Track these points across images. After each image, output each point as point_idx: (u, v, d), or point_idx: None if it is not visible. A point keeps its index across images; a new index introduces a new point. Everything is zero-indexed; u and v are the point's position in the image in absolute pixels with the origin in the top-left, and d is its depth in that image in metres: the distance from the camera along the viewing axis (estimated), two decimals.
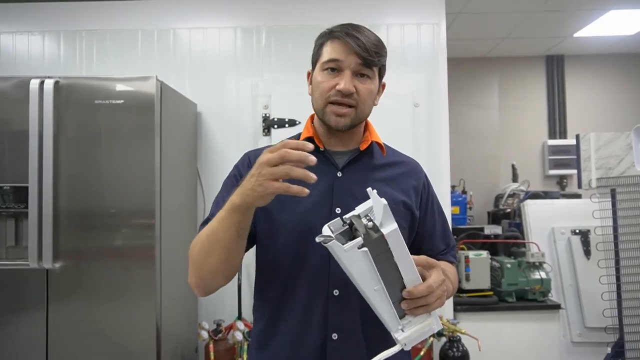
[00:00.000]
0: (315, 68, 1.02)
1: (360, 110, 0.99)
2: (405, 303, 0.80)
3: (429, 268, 0.85)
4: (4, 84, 1.93)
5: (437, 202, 1.14)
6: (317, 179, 0.77)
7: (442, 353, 2.31)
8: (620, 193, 2.25)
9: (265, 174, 0.77)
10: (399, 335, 0.81)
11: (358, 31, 0.97)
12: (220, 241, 0.87)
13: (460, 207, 3.18)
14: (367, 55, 0.95)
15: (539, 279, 2.53)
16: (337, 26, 1.00)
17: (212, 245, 0.88)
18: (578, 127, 3.79)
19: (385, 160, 1.08)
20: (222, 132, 2.60)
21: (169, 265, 1.99)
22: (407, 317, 0.82)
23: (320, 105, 1.00)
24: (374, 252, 0.77)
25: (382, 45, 1.00)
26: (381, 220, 0.77)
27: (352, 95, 0.96)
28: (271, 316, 1.00)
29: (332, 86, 0.97)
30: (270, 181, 0.77)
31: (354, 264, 0.77)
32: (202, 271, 0.92)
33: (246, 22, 2.64)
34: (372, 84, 1.00)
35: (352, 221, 0.80)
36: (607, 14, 3.18)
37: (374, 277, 0.78)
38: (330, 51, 0.98)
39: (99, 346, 1.88)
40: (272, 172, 0.77)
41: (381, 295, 0.79)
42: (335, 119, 0.98)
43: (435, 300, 0.82)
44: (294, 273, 0.97)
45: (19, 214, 1.94)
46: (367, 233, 0.76)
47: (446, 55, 2.60)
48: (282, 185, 0.77)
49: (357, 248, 0.76)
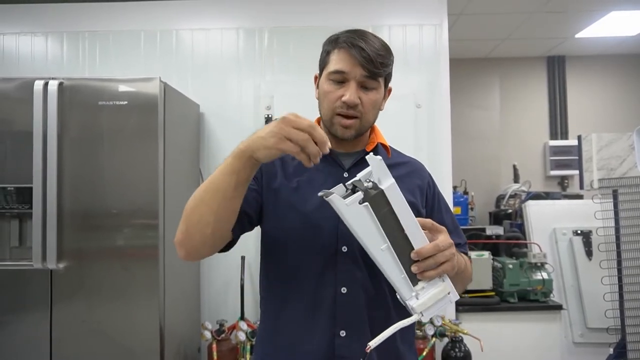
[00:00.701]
0: (322, 75, 1.03)
1: (365, 120, 1.00)
2: (415, 266, 0.81)
3: (435, 232, 0.86)
4: (7, 85, 1.93)
5: (444, 200, 1.15)
6: (323, 180, 0.77)
7: (444, 353, 2.32)
8: (622, 194, 2.26)
9: (284, 129, 0.77)
10: (414, 302, 0.81)
11: (364, 40, 0.96)
12: (217, 189, 0.85)
13: (462, 207, 3.19)
14: (372, 68, 0.95)
15: (541, 279, 2.53)
16: (344, 33, 1.00)
17: (207, 193, 0.86)
18: (579, 127, 3.79)
19: (391, 161, 1.09)
20: (224, 133, 2.60)
21: (172, 266, 2.00)
22: (421, 284, 0.82)
23: (327, 116, 1.01)
24: (377, 210, 0.78)
25: (388, 54, 1.00)
26: (379, 177, 0.80)
27: (356, 107, 0.97)
28: (278, 314, 1.01)
29: (339, 97, 0.98)
30: (285, 139, 0.77)
31: (357, 220, 0.78)
32: (191, 222, 0.88)
33: (248, 23, 2.64)
34: (377, 94, 1.00)
35: (354, 185, 0.82)
36: (608, 15, 3.18)
37: (379, 236, 0.79)
38: (336, 61, 0.98)
39: (103, 346, 1.88)
40: (289, 133, 0.76)
41: (390, 257, 0.80)
42: (341, 130, 1.00)
43: (445, 261, 0.82)
44: (301, 273, 0.98)
45: (22, 215, 1.95)
46: (367, 190, 0.79)
47: (448, 56, 2.61)
48: (294, 147, 0.76)
49: (358, 203, 0.78)
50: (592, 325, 2.57)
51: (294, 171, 1.03)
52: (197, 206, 0.87)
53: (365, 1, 2.63)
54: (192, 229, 0.88)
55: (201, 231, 0.88)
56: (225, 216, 0.88)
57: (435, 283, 0.83)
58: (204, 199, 0.86)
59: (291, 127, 0.77)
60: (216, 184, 0.85)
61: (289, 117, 0.78)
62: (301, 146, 0.77)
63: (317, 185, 0.79)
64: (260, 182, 1.03)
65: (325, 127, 1.05)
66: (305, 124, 0.77)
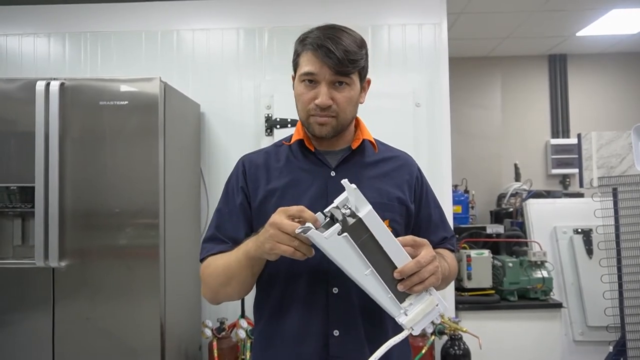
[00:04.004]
0: (296, 76, 1.04)
1: (341, 118, 1.00)
2: (400, 284, 0.82)
3: (417, 247, 0.86)
4: (10, 86, 1.96)
5: (432, 193, 1.14)
6: (310, 181, 0.77)
7: (443, 351, 2.33)
8: (622, 192, 2.25)
9: (274, 235, 0.82)
10: (403, 319, 0.82)
11: (331, 39, 0.94)
12: (235, 276, 0.96)
13: (463, 206, 3.19)
14: (340, 68, 0.94)
15: (541, 277, 2.53)
16: (313, 32, 0.99)
17: (228, 278, 0.97)
18: (581, 126, 3.79)
19: (378, 156, 1.09)
20: (225, 133, 2.62)
21: (173, 265, 2.02)
22: (408, 300, 0.83)
23: (303, 117, 1.02)
24: (356, 237, 0.79)
25: (358, 49, 0.96)
26: (355, 205, 0.80)
27: (329, 108, 0.97)
28: (272, 315, 1.02)
29: (312, 98, 0.98)
30: (278, 244, 0.82)
31: (338, 251, 0.79)
32: (218, 295, 1.02)
33: (249, 23, 2.65)
34: (351, 90, 0.99)
35: (332, 213, 0.82)
36: (609, 13, 3.18)
37: (361, 262, 0.80)
38: (305, 63, 0.98)
39: (104, 344, 1.90)
40: (280, 239, 0.82)
41: (374, 280, 0.81)
42: (318, 128, 0.99)
43: (429, 276, 0.83)
44: (294, 273, 0.99)
45: (25, 214, 1.97)
46: (345, 219, 0.79)
47: (448, 55, 2.61)
48: (288, 249, 0.82)
49: (337, 234, 0.78)
50: (592, 324, 2.56)
51: (280, 175, 1.03)
52: (221, 288, 1.00)
53: (365, 0, 2.64)
54: (221, 298, 1.04)
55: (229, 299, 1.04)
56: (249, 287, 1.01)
57: (422, 298, 0.84)
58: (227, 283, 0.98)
59: (280, 232, 0.81)
60: (234, 272, 0.96)
61: (275, 221, 0.82)
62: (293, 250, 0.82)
63: (304, 187, 0.81)
64: (248, 192, 1.04)
65: (303, 126, 1.05)
66: (290, 229, 0.80)
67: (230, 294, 1.00)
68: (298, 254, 0.83)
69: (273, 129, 2.51)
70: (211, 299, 1.05)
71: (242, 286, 0.98)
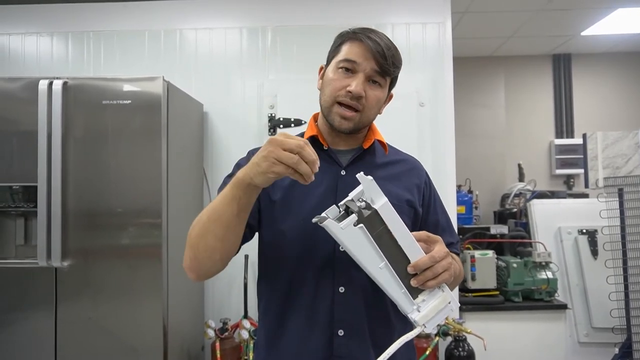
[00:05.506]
0: (330, 64, 1.02)
1: (365, 116, 1.00)
2: (414, 279, 0.82)
3: (431, 243, 0.87)
4: (13, 85, 1.95)
5: (439, 199, 1.15)
6: (320, 178, 0.77)
7: (447, 352, 2.31)
8: (628, 192, 2.24)
9: (273, 152, 0.76)
10: (415, 315, 0.82)
11: (379, 37, 0.98)
12: (220, 217, 0.86)
13: (466, 206, 3.18)
14: (384, 62, 0.96)
15: (546, 278, 2.52)
16: (360, 28, 1.01)
17: (211, 222, 0.87)
18: (585, 126, 3.77)
19: (388, 158, 1.09)
20: (228, 132, 2.61)
21: (176, 264, 2.01)
22: (421, 296, 0.83)
23: (327, 103, 1.00)
24: (372, 230, 0.79)
25: (399, 57, 1.00)
26: (371, 197, 0.80)
27: (360, 99, 0.97)
28: (277, 315, 1.01)
29: (344, 86, 0.97)
30: (276, 162, 0.76)
31: (354, 243, 0.79)
32: (198, 250, 0.89)
33: (252, 22, 2.65)
34: (382, 92, 1.00)
35: (347, 205, 0.82)
36: (614, 12, 3.16)
37: (376, 255, 0.80)
38: (348, 51, 0.98)
39: (107, 343, 1.90)
40: (279, 156, 0.76)
41: (389, 274, 0.81)
42: (339, 120, 0.99)
43: (443, 272, 0.83)
44: (300, 272, 0.98)
45: (28, 213, 1.97)
46: (361, 211, 0.79)
47: (452, 55, 2.60)
48: (287, 169, 0.76)
49: (353, 225, 0.78)
50: (597, 325, 2.55)
51: None
52: (202, 235, 0.88)
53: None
54: (201, 256, 0.90)
55: (210, 257, 0.90)
56: (232, 241, 0.90)
57: (435, 294, 0.83)
58: (209, 229, 0.87)
59: (280, 149, 0.76)
60: (219, 212, 0.86)
61: (277, 138, 0.78)
62: (293, 168, 0.76)
63: (314, 184, 0.79)
64: None
65: (323, 116, 1.04)
66: (294, 144, 0.76)
67: (212, 246, 0.87)
68: (297, 175, 0.77)
69: (276, 128, 2.50)
70: (192, 263, 0.91)
71: (226, 230, 0.86)
